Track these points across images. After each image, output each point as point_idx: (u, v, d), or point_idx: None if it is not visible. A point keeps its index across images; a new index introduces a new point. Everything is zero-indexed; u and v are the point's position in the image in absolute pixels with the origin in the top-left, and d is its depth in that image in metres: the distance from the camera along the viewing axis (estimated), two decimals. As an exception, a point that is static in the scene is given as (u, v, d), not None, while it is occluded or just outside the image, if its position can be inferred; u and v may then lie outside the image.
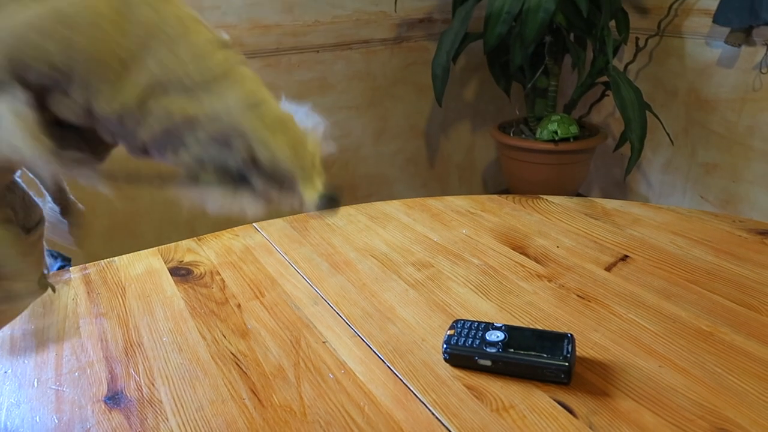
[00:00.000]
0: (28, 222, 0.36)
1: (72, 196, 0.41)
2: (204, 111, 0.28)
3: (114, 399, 0.48)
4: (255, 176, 0.29)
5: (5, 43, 0.27)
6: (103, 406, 0.47)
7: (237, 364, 0.52)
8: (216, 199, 0.30)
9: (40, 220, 0.38)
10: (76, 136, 0.31)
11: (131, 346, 0.55)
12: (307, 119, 0.31)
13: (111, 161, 0.33)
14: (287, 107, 0.31)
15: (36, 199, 0.38)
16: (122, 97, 0.28)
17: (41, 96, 0.28)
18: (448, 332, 0.52)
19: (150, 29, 0.28)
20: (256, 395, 0.48)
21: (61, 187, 0.40)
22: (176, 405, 0.47)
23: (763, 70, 1.54)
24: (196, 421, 0.45)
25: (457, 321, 0.53)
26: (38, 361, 0.53)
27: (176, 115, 0.28)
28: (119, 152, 0.33)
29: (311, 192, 0.30)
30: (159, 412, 0.46)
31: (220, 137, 0.29)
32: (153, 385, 0.50)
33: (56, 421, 0.46)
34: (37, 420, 0.46)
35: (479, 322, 0.52)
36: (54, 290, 0.37)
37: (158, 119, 0.29)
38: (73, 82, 0.28)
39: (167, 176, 0.30)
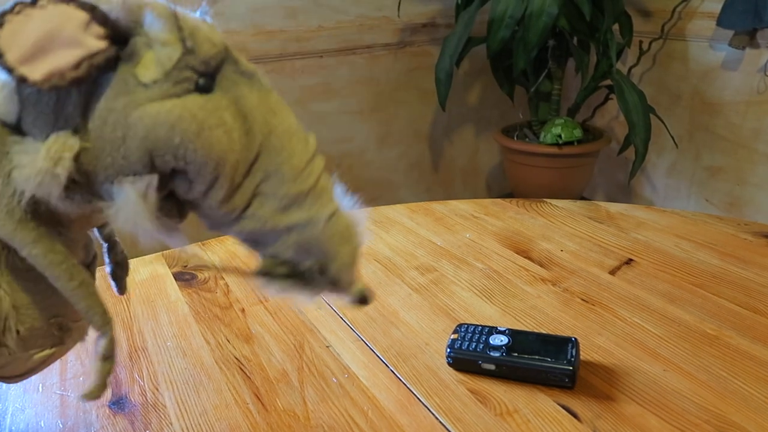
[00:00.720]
0: (86, 258, 0.39)
1: (123, 249, 0.43)
2: (292, 222, 0.33)
3: (118, 404, 0.48)
4: (319, 278, 0.34)
5: (148, 138, 0.30)
6: (107, 411, 0.47)
7: (241, 368, 0.52)
8: (280, 289, 0.35)
9: (95, 257, 0.40)
10: (173, 204, 0.34)
11: (135, 350, 0.55)
12: (353, 211, 0.35)
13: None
14: (340, 197, 0.35)
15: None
16: (234, 199, 0.33)
17: (165, 179, 0.32)
18: (452, 336, 0.52)
19: (262, 143, 0.32)
20: (259, 400, 0.48)
21: (116, 240, 0.43)
22: (180, 410, 0.47)
23: (767, 73, 1.54)
24: (200, 425, 0.45)
25: (460, 325, 0.53)
26: (43, 366, 0.54)
27: (269, 223, 0.33)
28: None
29: (353, 293, 0.35)
30: (163, 416, 0.46)
31: (301, 245, 0.33)
32: (157, 389, 0.50)
33: (61, 426, 0.46)
34: (42, 425, 0.46)
35: (483, 326, 0.52)
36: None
37: (253, 223, 0.33)
38: (201, 176, 0.32)
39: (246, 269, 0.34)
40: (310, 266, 0.34)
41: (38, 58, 0.29)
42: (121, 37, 0.30)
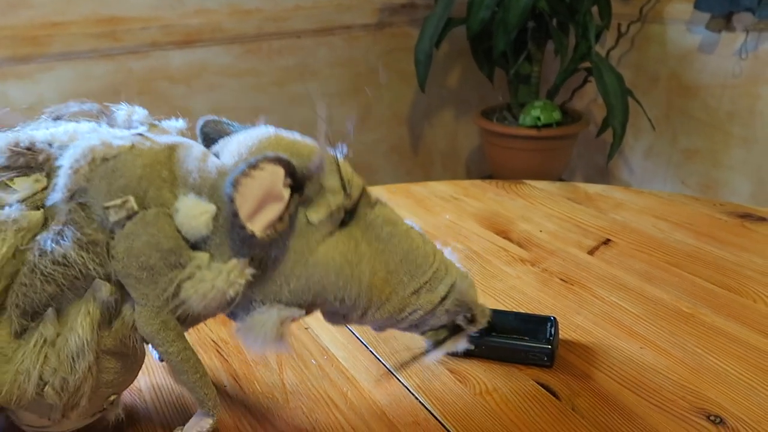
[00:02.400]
0: None
1: None
2: (441, 295, 0.39)
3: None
4: (468, 325, 0.41)
5: (320, 282, 0.36)
6: (80, 396, 0.46)
7: (218, 351, 0.51)
8: (448, 349, 0.41)
9: None
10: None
11: (109, 334, 0.54)
12: (454, 259, 0.42)
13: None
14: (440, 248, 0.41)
15: None
16: (389, 308, 0.39)
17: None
18: (432, 317, 0.52)
19: (398, 255, 0.38)
20: (237, 382, 0.47)
21: None
22: (156, 393, 0.46)
23: (743, 56, 1.56)
24: (176, 409, 0.45)
25: (440, 305, 0.53)
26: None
27: (426, 307, 0.39)
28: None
29: (485, 318, 0.42)
30: (138, 400, 0.46)
31: (452, 308, 0.40)
32: (132, 373, 0.49)
33: (32, 412, 0.45)
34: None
35: (462, 307, 0.52)
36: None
37: (414, 315, 0.39)
38: (354, 309, 0.38)
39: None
40: (461, 321, 0.41)
41: (258, 214, 0.34)
42: (299, 184, 0.35)
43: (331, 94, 1.84)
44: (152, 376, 0.48)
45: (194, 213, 0.34)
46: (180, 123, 0.41)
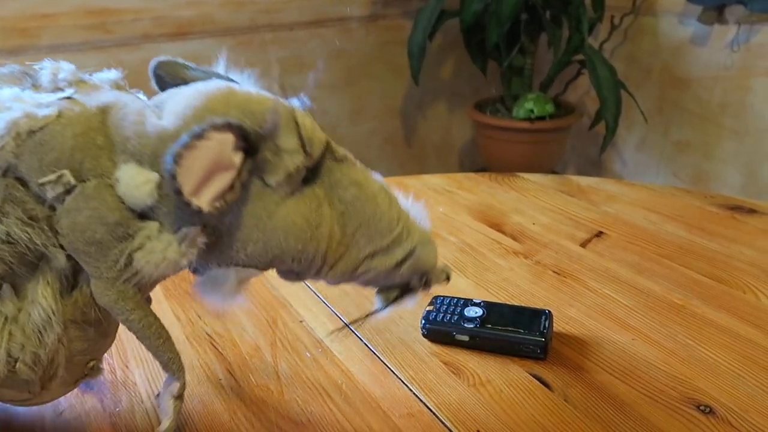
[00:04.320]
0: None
1: None
2: (398, 259, 0.38)
3: (87, 382, 0.47)
4: (421, 285, 0.40)
5: (279, 246, 0.35)
6: (76, 390, 0.46)
7: (213, 344, 0.51)
8: (394, 307, 0.41)
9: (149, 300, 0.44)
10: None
11: (104, 328, 0.54)
12: (421, 217, 0.40)
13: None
14: (410, 206, 0.40)
15: None
16: (342, 268, 0.37)
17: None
18: (428, 308, 0.52)
19: (359, 218, 0.37)
20: (232, 375, 0.47)
21: None
22: (151, 387, 0.46)
23: (734, 49, 1.56)
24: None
25: (436, 297, 0.53)
26: (7, 346, 0.52)
27: (382, 268, 0.38)
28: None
29: (442, 278, 0.41)
30: (133, 394, 0.46)
31: (409, 272, 0.39)
32: (127, 367, 0.49)
33: (27, 407, 0.45)
34: (8, 406, 0.45)
35: (458, 299, 0.53)
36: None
37: (368, 275, 0.38)
38: (309, 269, 0.37)
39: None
40: (415, 282, 0.40)
41: (205, 187, 0.32)
42: (252, 147, 0.33)
43: (324, 87, 1.83)
44: (147, 370, 0.48)
45: (136, 183, 0.32)
46: (113, 74, 0.38)
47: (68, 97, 0.34)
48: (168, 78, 0.37)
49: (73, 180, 0.32)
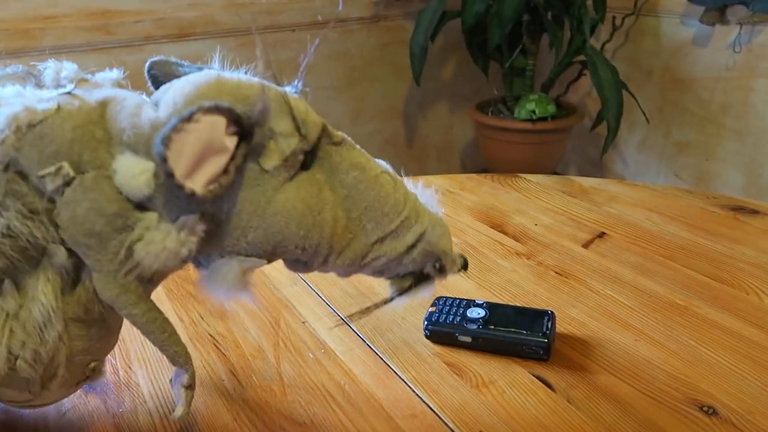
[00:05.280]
0: None
1: None
2: (408, 244, 0.37)
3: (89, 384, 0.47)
4: (436, 273, 0.39)
5: (281, 233, 0.34)
6: (79, 391, 0.46)
7: (215, 345, 0.51)
8: (410, 296, 0.39)
9: None
10: None
11: (107, 329, 0.54)
12: (431, 201, 0.39)
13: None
14: (419, 192, 0.39)
15: None
16: (351, 255, 0.36)
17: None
18: (430, 309, 0.52)
19: (363, 202, 0.36)
20: (235, 376, 0.48)
21: None
22: (154, 388, 0.46)
23: (736, 49, 1.56)
24: (174, 403, 0.45)
25: (439, 298, 0.53)
26: (10, 347, 0.52)
27: (391, 255, 0.37)
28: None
29: (458, 266, 0.39)
30: (136, 395, 0.46)
31: (420, 257, 0.38)
32: (130, 368, 0.49)
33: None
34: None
35: (461, 299, 0.53)
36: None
37: (378, 262, 0.37)
38: (315, 256, 0.36)
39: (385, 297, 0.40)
40: (429, 269, 0.38)
41: (197, 170, 0.31)
42: (247, 132, 0.33)
43: (326, 88, 1.83)
44: (150, 371, 0.48)
45: (133, 173, 0.32)
46: (115, 73, 0.38)
47: (68, 93, 0.35)
48: (162, 77, 0.37)
49: (72, 172, 0.32)
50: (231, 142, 0.32)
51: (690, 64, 1.67)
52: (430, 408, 0.44)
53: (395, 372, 0.47)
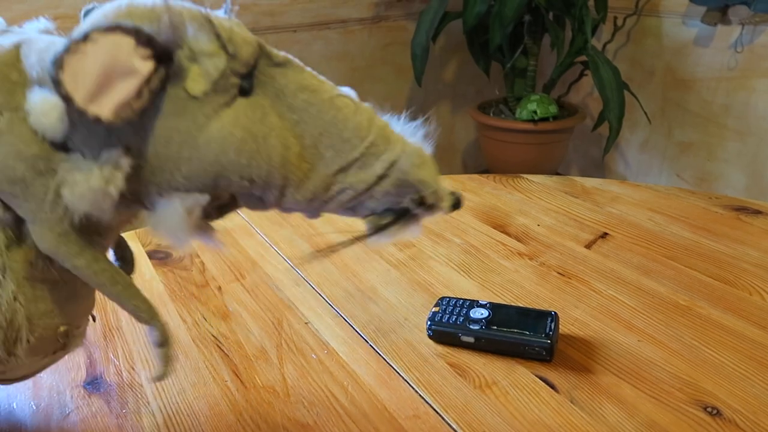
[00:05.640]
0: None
1: (129, 245, 0.43)
2: (377, 173, 0.33)
3: (93, 384, 0.47)
4: (419, 209, 0.35)
5: (218, 162, 0.31)
6: (82, 392, 0.47)
7: (218, 346, 0.51)
8: (392, 235, 0.35)
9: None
10: (214, 209, 0.35)
11: (110, 330, 0.54)
12: (414, 135, 0.36)
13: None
14: (398, 125, 0.36)
15: None
16: (311, 187, 0.33)
17: (223, 197, 0.33)
18: (433, 309, 0.52)
19: (317, 127, 0.33)
20: (238, 377, 0.48)
21: (120, 236, 0.43)
22: (157, 388, 0.47)
23: (738, 50, 1.56)
24: (178, 404, 0.45)
25: (442, 298, 0.53)
26: (14, 348, 0.52)
27: (359, 186, 0.33)
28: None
29: (447, 202, 0.35)
30: (140, 396, 0.46)
31: (393, 189, 0.34)
32: (133, 369, 0.49)
33: (34, 408, 0.45)
34: (15, 406, 0.45)
35: (464, 300, 0.53)
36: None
37: (344, 195, 0.34)
38: (269, 189, 0.33)
39: (356, 235, 0.37)
40: (408, 204, 0.35)
41: (102, 94, 0.29)
42: (164, 54, 0.30)
43: (327, 89, 1.83)
44: (152, 370, 0.48)
45: (43, 110, 0.31)
46: (42, 23, 0.36)
47: None
48: None
49: None
50: (143, 65, 0.29)
51: (692, 65, 1.67)
52: (433, 408, 0.44)
53: (398, 372, 0.47)
